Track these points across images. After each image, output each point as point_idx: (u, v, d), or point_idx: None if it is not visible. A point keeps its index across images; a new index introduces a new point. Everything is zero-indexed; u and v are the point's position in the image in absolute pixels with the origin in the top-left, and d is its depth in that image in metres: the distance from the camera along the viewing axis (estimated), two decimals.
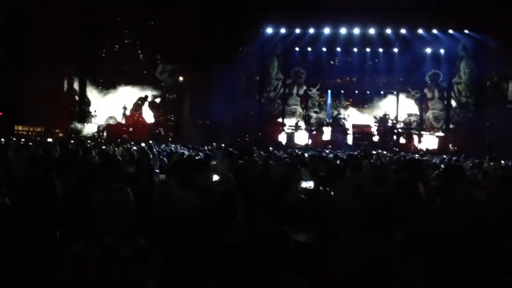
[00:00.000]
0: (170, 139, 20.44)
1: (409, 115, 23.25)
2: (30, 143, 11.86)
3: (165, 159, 10.06)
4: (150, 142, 14.85)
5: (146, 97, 23.15)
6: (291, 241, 2.57)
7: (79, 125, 22.00)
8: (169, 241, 2.54)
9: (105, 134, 21.70)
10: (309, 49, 23.55)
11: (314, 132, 22.48)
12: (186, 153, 11.06)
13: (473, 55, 21.79)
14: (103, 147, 11.87)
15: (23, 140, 15.04)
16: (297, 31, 22.58)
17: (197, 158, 8.63)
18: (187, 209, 3.90)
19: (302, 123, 23.02)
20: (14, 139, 15.25)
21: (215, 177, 5.57)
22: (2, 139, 13.29)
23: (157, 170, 8.36)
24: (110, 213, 2.45)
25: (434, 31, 21.84)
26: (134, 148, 11.94)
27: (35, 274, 2.75)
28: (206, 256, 2.65)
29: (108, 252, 2.38)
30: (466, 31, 21.50)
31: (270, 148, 15.90)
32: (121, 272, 2.34)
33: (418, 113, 23.57)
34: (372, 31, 21.86)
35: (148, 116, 23.25)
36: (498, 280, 2.60)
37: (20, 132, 19.87)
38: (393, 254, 2.62)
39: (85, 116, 22.82)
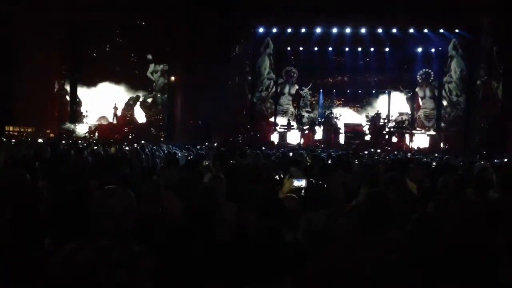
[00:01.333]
0: (162, 139, 20.38)
1: (401, 114, 23.36)
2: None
3: (157, 160, 10.03)
4: (142, 142, 14.80)
5: (138, 97, 23.07)
6: (282, 241, 2.57)
7: (72, 126, 21.87)
8: (159, 243, 2.54)
9: (96, 134, 21.60)
10: (301, 48, 23.59)
11: (306, 132, 22.53)
12: (179, 153, 11.03)
13: (463, 54, 21.94)
14: (95, 147, 11.80)
15: (13, 141, 14.93)
16: (289, 30, 22.58)
17: (189, 158, 8.62)
18: (175, 210, 3.89)
19: (294, 123, 23.05)
20: (4, 139, 15.15)
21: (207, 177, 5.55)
22: None
23: None
24: (111, 215, 2.42)
25: (425, 30, 21.93)
26: (127, 148, 11.91)
27: (24, 275, 2.72)
28: (199, 256, 2.65)
29: (100, 254, 2.34)
30: (456, 30, 21.63)
31: (263, 148, 15.92)
32: (112, 275, 2.30)
33: (410, 112, 23.69)
34: (363, 30, 21.92)
35: (140, 116, 23.17)
36: (491, 280, 2.60)
37: (11, 132, 19.72)
38: (388, 253, 2.63)
39: (77, 117, 22.70)
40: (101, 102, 22.84)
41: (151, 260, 2.39)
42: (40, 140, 15.61)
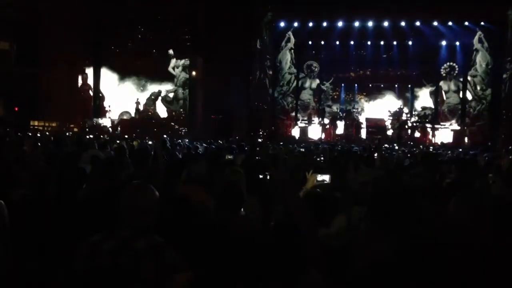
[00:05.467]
0: (183, 134, 20.51)
1: (424, 108, 23.00)
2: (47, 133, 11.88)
3: (177, 153, 10.07)
4: (164, 136, 14.91)
5: (160, 92, 23.27)
6: (303, 237, 2.55)
7: (95, 120, 22.13)
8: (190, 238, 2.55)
9: (119, 129, 21.85)
10: (322, 42, 23.42)
11: (328, 126, 22.40)
12: (200, 147, 11.08)
13: (489, 47, 21.47)
14: (118, 141, 11.93)
15: (38, 135, 15.19)
16: (310, 24, 22.44)
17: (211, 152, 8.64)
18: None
19: (315, 117, 22.94)
20: (29, 134, 15.42)
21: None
22: (19, 134, 13.42)
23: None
24: (136, 210, 2.49)
25: (450, 23, 21.54)
26: (150, 142, 12.03)
27: (49, 265, 2.79)
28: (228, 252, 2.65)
29: (122, 244, 2.43)
30: (482, 23, 21.18)
31: (281, 143, 15.89)
32: (134, 265, 2.39)
33: (433, 106, 23.32)
34: (386, 23, 21.64)
35: (161, 111, 23.37)
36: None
37: (36, 127, 20.06)
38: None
39: (100, 111, 23.00)
40: (124, 97, 23.12)
41: (173, 252, 2.46)
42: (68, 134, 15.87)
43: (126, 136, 16.08)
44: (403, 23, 21.60)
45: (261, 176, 5.03)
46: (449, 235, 2.71)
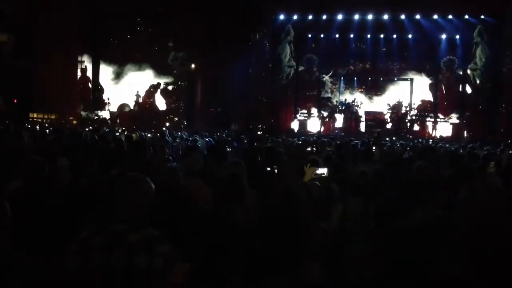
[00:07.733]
0: (182, 126, 20.48)
1: (423, 101, 22.97)
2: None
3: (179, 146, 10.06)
4: (163, 129, 14.90)
5: (159, 84, 23.20)
6: (304, 228, 2.54)
7: (94, 113, 22.08)
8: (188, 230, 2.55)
9: (118, 121, 21.80)
10: (322, 35, 23.32)
11: (327, 119, 22.38)
12: (200, 141, 11.05)
13: (489, 41, 21.40)
14: (116, 134, 11.92)
15: (37, 127, 15.17)
16: (310, 17, 22.35)
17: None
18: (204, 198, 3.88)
19: (314, 110, 22.90)
20: (29, 126, 15.39)
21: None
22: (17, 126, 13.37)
23: (170, 157, 8.36)
24: (131, 203, 2.46)
25: (450, 16, 21.46)
26: (149, 135, 12.02)
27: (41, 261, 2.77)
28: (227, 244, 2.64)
29: (115, 238, 2.38)
30: (482, 16, 21.11)
31: (279, 135, 15.88)
32: (127, 259, 2.34)
33: (432, 100, 23.30)
34: (386, 16, 21.56)
35: (161, 103, 23.31)
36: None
37: (35, 119, 20.01)
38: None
39: (99, 104, 22.94)
40: (123, 89, 23.05)
41: (168, 244, 2.41)
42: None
43: (124, 129, 16.06)
44: (403, 16, 21.52)
45: (268, 169, 5.03)
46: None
